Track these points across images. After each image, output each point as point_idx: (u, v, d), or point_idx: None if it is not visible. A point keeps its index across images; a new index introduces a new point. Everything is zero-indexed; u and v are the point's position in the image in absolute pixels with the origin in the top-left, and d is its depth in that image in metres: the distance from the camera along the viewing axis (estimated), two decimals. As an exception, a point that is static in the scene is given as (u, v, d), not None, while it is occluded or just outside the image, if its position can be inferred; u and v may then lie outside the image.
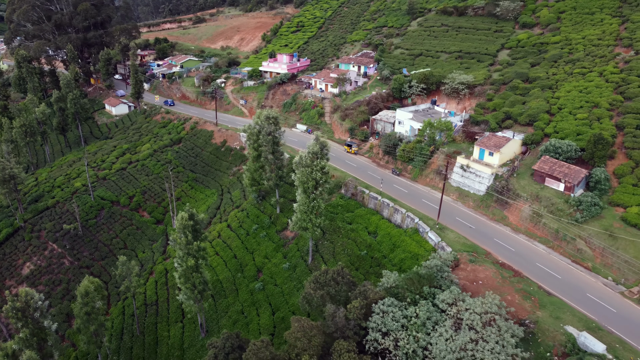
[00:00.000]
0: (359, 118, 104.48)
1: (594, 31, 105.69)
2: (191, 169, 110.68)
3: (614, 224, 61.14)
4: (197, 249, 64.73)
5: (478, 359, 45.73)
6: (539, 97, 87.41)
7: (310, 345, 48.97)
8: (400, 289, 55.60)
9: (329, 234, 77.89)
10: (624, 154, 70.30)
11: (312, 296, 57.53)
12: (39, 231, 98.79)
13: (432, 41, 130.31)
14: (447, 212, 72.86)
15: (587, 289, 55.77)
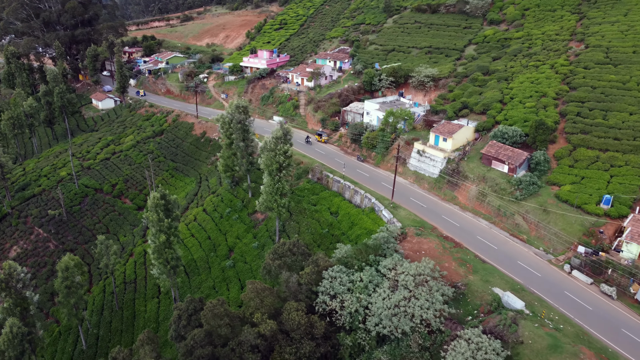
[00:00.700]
0: (330, 109, 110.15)
1: (553, 27, 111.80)
2: (172, 159, 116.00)
3: (548, 200, 67.09)
4: (168, 226, 69.99)
5: (409, 314, 51.56)
6: (494, 88, 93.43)
7: (263, 305, 54.67)
8: (350, 259, 61.33)
9: (296, 215, 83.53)
10: (564, 138, 76.30)
11: (271, 266, 63.19)
12: (26, 217, 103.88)
13: (405, 37, 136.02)
14: (403, 194, 78.70)
15: (518, 258, 61.68)
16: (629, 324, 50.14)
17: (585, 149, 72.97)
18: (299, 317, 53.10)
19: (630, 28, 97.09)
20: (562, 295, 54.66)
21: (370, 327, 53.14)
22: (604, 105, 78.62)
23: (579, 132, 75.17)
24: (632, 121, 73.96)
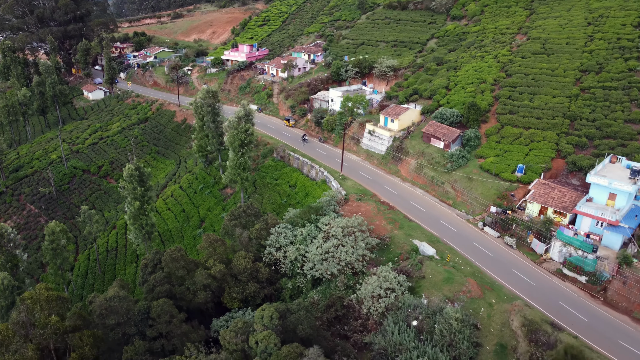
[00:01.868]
0: (299, 97, 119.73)
1: (506, 21, 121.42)
2: (154, 144, 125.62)
3: (473, 170, 76.74)
4: (141, 194, 79.62)
5: (337, 258, 61.24)
6: (443, 76, 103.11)
7: (215, 253, 64.32)
8: (296, 218, 71.02)
9: (260, 189, 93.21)
10: (495, 118, 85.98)
11: (228, 226, 72.82)
12: (19, 195, 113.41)
13: (375, 32, 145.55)
14: (354, 168, 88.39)
15: (441, 218, 71.38)
16: (519, 265, 59.87)
17: (511, 127, 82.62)
18: (246, 262, 62.70)
19: (568, 22, 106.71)
20: (471, 245, 64.34)
21: (306, 272, 62.79)
22: (532, 89, 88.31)
23: (507, 113, 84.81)
24: (554, 103, 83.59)
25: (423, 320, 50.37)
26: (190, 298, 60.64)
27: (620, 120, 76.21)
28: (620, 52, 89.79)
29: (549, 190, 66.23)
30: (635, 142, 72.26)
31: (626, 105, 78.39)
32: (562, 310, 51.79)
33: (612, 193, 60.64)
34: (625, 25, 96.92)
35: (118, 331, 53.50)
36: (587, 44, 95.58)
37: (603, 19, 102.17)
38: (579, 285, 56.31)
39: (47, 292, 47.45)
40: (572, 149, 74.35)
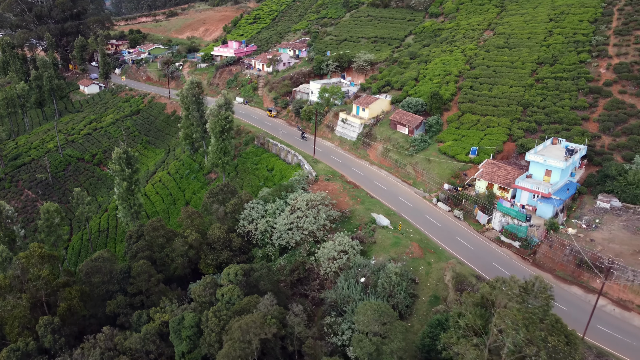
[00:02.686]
0: (282, 90, 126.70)
1: (478, 18, 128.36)
2: (145, 134, 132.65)
3: (433, 153, 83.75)
4: (129, 175, 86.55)
5: (301, 228, 68.27)
6: (413, 69, 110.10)
7: (192, 224, 71.39)
8: (268, 195, 78.08)
9: (241, 173, 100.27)
10: (457, 106, 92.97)
11: (207, 203, 79.92)
12: (17, 181, 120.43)
13: (357, 29, 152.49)
14: (327, 153, 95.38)
15: (400, 195, 78.36)
16: (464, 234, 66.91)
17: (470, 114, 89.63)
18: (220, 232, 69.76)
19: (533, 19, 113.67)
20: (423, 218, 71.33)
21: (274, 241, 69.84)
22: (492, 80, 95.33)
23: (467, 102, 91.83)
24: (510, 92, 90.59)
25: (369, 277, 57.43)
26: (169, 263, 67.74)
27: (567, 107, 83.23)
28: (574, 45, 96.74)
29: (496, 169, 73.22)
30: (578, 127, 79.27)
31: (574, 93, 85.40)
32: (494, 269, 58.77)
33: (548, 170, 67.58)
34: (582, 21, 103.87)
35: (102, 288, 60.55)
36: (546, 39, 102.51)
37: (564, 15, 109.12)
38: (513, 249, 63.37)
39: (40, 249, 54.50)
40: (522, 134, 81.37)
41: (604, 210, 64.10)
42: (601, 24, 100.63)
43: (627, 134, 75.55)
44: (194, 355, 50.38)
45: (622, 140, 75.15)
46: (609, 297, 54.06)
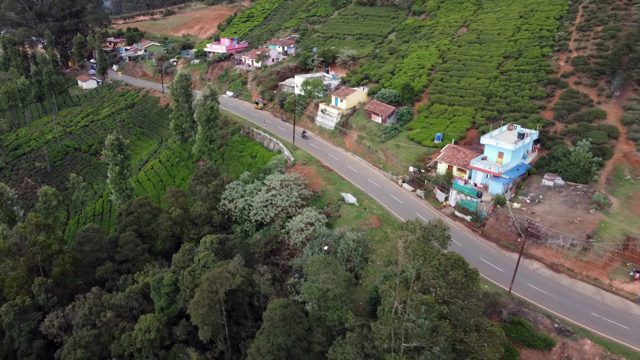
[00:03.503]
0: (269, 84, 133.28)
1: (456, 16, 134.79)
2: (140, 126, 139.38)
3: (402, 140, 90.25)
4: (121, 160, 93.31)
5: (275, 205, 74.84)
6: (391, 63, 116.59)
7: (177, 202, 77.96)
8: (248, 177, 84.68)
9: (227, 160, 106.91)
10: (428, 97, 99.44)
11: (192, 184, 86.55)
12: (17, 170, 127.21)
13: (344, 26, 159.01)
14: (306, 142, 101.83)
15: (370, 177, 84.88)
16: (423, 210, 73.42)
17: (439, 104, 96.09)
18: (202, 209, 76.42)
19: (505, 15, 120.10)
20: (388, 197, 77.85)
21: (251, 217, 76.43)
22: (461, 72, 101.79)
23: (437, 93, 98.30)
24: (477, 84, 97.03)
25: (331, 245, 63.98)
26: (155, 237, 74.36)
27: (526, 97, 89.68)
28: (539, 40, 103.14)
29: (455, 153, 79.68)
30: (535, 115, 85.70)
31: (534, 84, 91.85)
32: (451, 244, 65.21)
33: (501, 152, 74.00)
34: (548, 18, 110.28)
35: (92, 256, 67.21)
36: (514, 34, 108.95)
37: (533, 12, 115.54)
38: (465, 223, 69.91)
39: (37, 218, 61.13)
40: (484, 121, 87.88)
41: (548, 188, 70.58)
42: (565, 21, 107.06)
43: (578, 121, 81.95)
44: (172, 309, 56.96)
45: (573, 126, 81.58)
46: (543, 261, 60.58)
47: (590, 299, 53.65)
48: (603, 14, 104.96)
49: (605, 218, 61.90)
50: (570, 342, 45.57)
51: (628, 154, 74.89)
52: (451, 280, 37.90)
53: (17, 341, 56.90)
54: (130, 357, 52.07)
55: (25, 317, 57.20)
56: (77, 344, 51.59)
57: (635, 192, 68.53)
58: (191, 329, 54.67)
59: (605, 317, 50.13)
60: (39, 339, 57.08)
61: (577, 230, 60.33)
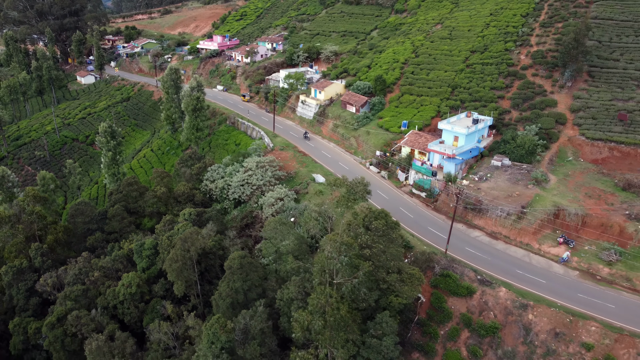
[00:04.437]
0: (257, 78, 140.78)
1: (434, 14, 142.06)
2: (134, 118, 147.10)
3: (373, 127, 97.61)
4: (113, 146, 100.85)
5: (250, 184, 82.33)
6: (368, 58, 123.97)
7: (162, 182, 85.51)
8: (228, 161, 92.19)
9: (213, 147, 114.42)
10: (399, 89, 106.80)
11: (177, 167, 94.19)
12: (18, 159, 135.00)
13: (330, 24, 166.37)
14: (287, 130, 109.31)
15: (341, 161, 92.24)
16: (384, 188, 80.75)
17: (408, 95, 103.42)
18: (185, 188, 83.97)
19: (477, 13, 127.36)
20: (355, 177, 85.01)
21: (230, 196, 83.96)
22: (431, 66, 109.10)
23: (407, 84, 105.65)
24: (444, 76, 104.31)
25: (297, 217, 71.40)
26: (141, 212, 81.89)
27: (487, 87, 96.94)
28: (504, 36, 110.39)
29: (418, 138, 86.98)
30: (494, 104, 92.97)
31: (495, 76, 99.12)
32: (399, 212, 72.62)
33: (456, 136, 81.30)
34: (515, 15, 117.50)
35: (84, 227, 74.80)
36: (483, 31, 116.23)
37: (502, 10, 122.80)
38: (421, 199, 77.27)
39: (34, 191, 68.70)
40: (448, 110, 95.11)
41: (496, 167, 77.91)
42: (530, 18, 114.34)
43: (532, 109, 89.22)
44: (152, 270, 64.45)
45: (526, 114, 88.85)
46: (484, 230, 67.92)
47: (519, 260, 60.94)
48: (565, 11, 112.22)
49: (541, 192, 69.23)
50: (489, 290, 52.92)
51: (572, 137, 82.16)
52: (374, 229, 45.26)
53: (16, 298, 64.44)
54: (114, 309, 59.55)
55: (23, 277, 64.73)
56: (67, 297, 59.11)
57: (574, 171, 75.85)
58: (169, 286, 62.13)
59: (528, 274, 57.41)
60: (35, 296, 64.59)
61: (515, 202, 67.67)
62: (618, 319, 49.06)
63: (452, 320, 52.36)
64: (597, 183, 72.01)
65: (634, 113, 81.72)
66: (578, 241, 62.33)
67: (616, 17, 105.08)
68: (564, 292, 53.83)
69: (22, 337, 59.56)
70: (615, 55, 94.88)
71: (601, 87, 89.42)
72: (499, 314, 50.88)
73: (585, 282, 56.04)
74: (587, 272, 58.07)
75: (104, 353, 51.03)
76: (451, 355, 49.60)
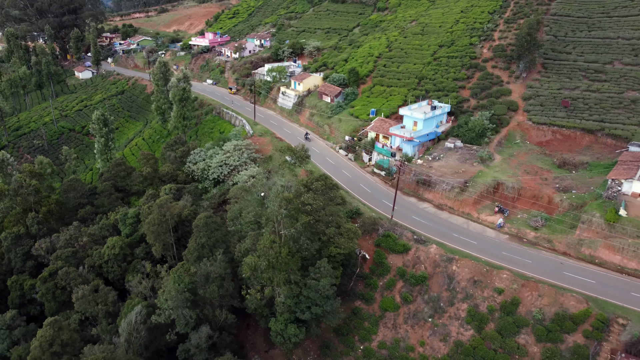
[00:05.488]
0: (243, 72, 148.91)
1: (412, 12, 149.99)
2: (128, 110, 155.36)
3: (345, 115, 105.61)
4: (106, 132, 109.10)
5: (228, 164, 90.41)
6: (347, 52, 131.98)
7: (148, 163, 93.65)
8: (210, 145, 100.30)
9: (200, 135, 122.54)
10: (372, 80, 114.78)
11: (164, 152, 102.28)
12: (18, 147, 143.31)
13: (316, 22, 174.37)
14: (268, 119, 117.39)
15: (314, 146, 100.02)
16: (349, 168, 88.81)
17: (379, 86, 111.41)
18: (168, 168, 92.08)
19: (450, 11, 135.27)
20: (324, 160, 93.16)
21: (210, 176, 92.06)
22: (402, 59, 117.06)
23: (379, 76, 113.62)
24: (413, 69, 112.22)
25: (267, 191, 79.36)
26: (129, 190, 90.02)
27: (450, 78, 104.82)
28: (471, 32, 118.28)
29: (383, 123, 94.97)
30: (455, 93, 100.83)
31: (458, 68, 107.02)
32: (359, 188, 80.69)
33: (415, 121, 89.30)
34: (483, 12, 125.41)
35: (75, 201, 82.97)
36: (452, 27, 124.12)
37: (472, 7, 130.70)
38: (380, 177, 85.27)
39: (30, 167, 76.86)
40: (414, 99, 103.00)
41: (449, 149, 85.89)
42: (497, 15, 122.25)
43: (488, 97, 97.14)
44: (134, 236, 72.55)
45: (483, 102, 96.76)
46: (432, 202, 75.90)
47: (458, 226, 68.93)
48: (529, 8, 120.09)
49: (484, 169, 77.23)
50: (422, 247, 60.92)
51: (521, 122, 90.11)
52: (314, 189, 53.22)
53: (14, 261, 72.58)
54: (100, 268, 67.64)
55: (20, 242, 72.87)
56: (58, 257, 67.23)
57: (519, 152, 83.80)
58: (148, 250, 70.18)
59: (462, 237, 65.37)
60: (31, 260, 72.72)
61: (460, 177, 75.67)
62: (530, 270, 57.03)
63: (390, 273, 60.39)
64: (538, 162, 79.91)
65: (577, 100, 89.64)
66: (512, 210, 70.33)
67: (573, 13, 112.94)
68: (491, 250, 61.77)
69: (19, 292, 67.68)
70: (568, 49, 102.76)
71: (552, 78, 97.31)
72: (429, 266, 58.87)
73: (511, 243, 64.03)
74: (516, 235, 66.03)
75: (88, 301, 59.10)
76: (386, 302, 57.62)
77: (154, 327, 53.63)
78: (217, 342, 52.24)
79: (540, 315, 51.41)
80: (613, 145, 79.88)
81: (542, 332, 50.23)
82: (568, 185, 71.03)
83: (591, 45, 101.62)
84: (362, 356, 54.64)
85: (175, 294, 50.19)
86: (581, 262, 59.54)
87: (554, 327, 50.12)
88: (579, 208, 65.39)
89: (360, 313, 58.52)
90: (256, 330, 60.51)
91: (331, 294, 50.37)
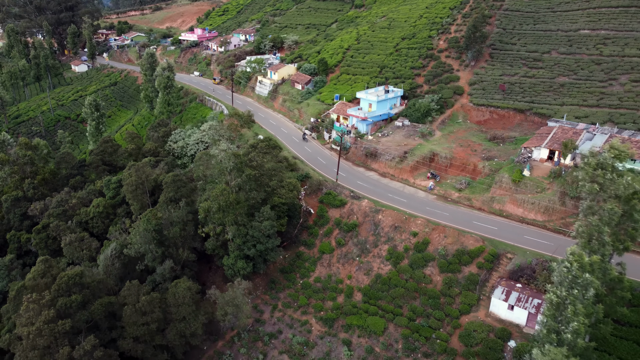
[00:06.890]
0: (227, 64, 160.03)
1: (385, 8, 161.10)
2: (120, 100, 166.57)
3: (313, 100, 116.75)
4: (97, 116, 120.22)
5: (203, 141, 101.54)
6: (320, 45, 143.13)
7: (133, 141, 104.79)
8: (190, 126, 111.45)
9: (184, 121, 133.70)
10: (339, 70, 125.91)
11: (148, 133, 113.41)
12: (17, 134, 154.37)
13: (298, 18, 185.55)
14: (244, 106, 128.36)
15: (283, 127, 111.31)
16: (311, 145, 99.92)
17: (346, 74, 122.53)
18: (151, 145, 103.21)
19: (417, 7, 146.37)
20: (290, 138, 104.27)
21: (187, 153, 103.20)
22: (367, 51, 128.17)
23: (346, 66, 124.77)
24: (376, 59, 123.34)
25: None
26: (115, 164, 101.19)
27: (408, 67, 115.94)
28: (431, 26, 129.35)
29: (343, 107, 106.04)
30: (410, 80, 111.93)
31: (415, 58, 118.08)
32: (316, 160, 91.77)
33: (370, 103, 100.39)
34: (445, 8, 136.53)
35: (67, 172, 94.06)
36: (416, 22, 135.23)
37: (436, 3, 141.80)
38: (336, 151, 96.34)
39: (25, 140, 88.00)
40: (375, 86, 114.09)
41: (398, 127, 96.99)
42: (456, 10, 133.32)
43: (439, 83, 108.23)
44: (117, 199, 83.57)
45: (434, 87, 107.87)
46: (378, 171, 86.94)
47: (395, 189, 79.95)
48: (485, 4, 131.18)
49: (424, 143, 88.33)
50: (356, 202, 72.06)
51: (464, 104, 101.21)
52: (259, 148, 64.36)
53: (12, 220, 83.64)
54: (86, 223, 78.70)
55: (18, 204, 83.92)
56: (50, 215, 78.32)
57: (459, 129, 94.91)
58: (129, 210, 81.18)
59: (396, 197, 76.38)
60: (27, 219, 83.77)
61: (401, 149, 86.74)
62: (444, 219, 68.13)
63: (329, 223, 71.52)
64: (473, 137, 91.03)
65: (514, 85, 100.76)
66: (444, 176, 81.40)
67: (522, 9, 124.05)
68: (417, 206, 72.82)
69: (16, 245, 78.79)
70: (514, 40, 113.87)
71: (496, 66, 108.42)
72: (360, 216, 69.99)
73: (437, 202, 75.12)
74: (442, 196, 77.11)
75: (75, 247, 70.18)
76: (324, 246, 68.74)
77: (127, 262, 64.66)
78: (179, 275, 63.31)
79: (444, 252, 62.50)
80: (539, 122, 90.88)
81: (444, 265, 61.31)
82: (492, 155, 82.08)
83: (534, 37, 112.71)
84: (301, 288, 65.64)
85: (144, 232, 61.21)
86: (492, 215, 70.60)
87: (454, 260, 61.19)
88: (497, 172, 76.49)
89: (303, 256, 69.60)
90: (216, 272, 71.57)
91: (272, 234, 61.37)
